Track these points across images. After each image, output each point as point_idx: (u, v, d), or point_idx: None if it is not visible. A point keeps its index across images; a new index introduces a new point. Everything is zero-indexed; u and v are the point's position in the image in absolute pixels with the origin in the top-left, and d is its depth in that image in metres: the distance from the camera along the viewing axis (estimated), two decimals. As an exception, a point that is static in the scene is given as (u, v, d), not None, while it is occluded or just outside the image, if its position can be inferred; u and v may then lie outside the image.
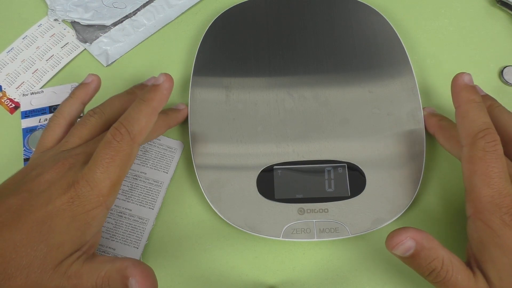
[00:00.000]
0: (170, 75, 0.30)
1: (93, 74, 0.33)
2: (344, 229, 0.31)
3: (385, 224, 0.31)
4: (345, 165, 0.33)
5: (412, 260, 0.25)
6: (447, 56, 0.39)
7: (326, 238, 0.31)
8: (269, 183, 0.32)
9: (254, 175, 0.33)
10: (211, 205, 0.32)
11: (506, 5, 0.41)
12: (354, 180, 0.32)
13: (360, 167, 0.32)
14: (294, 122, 0.34)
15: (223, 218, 0.31)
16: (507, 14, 0.41)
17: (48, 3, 0.41)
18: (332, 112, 0.34)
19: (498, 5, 0.41)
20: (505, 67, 0.38)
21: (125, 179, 0.34)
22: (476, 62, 0.39)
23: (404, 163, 0.32)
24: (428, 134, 0.34)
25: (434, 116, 0.34)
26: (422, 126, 0.34)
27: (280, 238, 0.31)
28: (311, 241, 0.32)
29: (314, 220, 0.31)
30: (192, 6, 0.42)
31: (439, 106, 0.37)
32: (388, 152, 0.33)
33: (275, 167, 0.33)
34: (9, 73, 0.39)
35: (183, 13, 0.42)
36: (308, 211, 0.31)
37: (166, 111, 0.34)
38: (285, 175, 0.32)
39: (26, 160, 0.35)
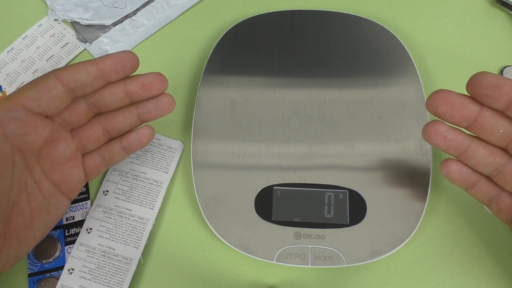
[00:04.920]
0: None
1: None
2: (340, 258, 0.30)
3: (383, 256, 0.30)
4: (346, 192, 0.32)
5: None
6: (447, 57, 0.39)
7: (320, 266, 0.30)
8: (267, 203, 0.32)
9: (253, 194, 0.32)
10: (207, 221, 0.31)
11: (506, 5, 0.41)
12: (355, 208, 0.31)
13: (362, 195, 0.32)
14: (298, 143, 0.34)
15: (217, 235, 0.31)
16: (507, 14, 0.41)
17: (48, 3, 0.41)
18: (338, 135, 0.34)
19: (498, 5, 0.41)
20: (505, 67, 0.38)
21: (125, 179, 0.34)
22: (476, 62, 0.39)
23: (408, 194, 0.32)
24: (434, 166, 0.33)
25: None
26: (429, 157, 0.33)
27: (274, 262, 0.30)
28: (305, 267, 0.31)
29: (310, 246, 0.30)
30: (192, 6, 0.42)
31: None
32: (392, 182, 0.32)
33: (274, 187, 0.32)
34: (9, 73, 0.39)
35: (183, 13, 0.42)
36: (305, 236, 0.31)
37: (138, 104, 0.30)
38: (284, 196, 0.32)
39: (26, 160, 0.35)
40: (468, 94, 0.25)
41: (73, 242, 0.32)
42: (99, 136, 0.29)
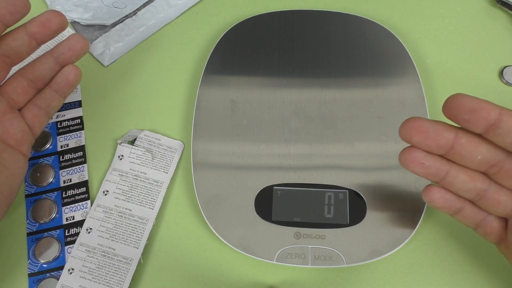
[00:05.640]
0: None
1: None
2: (340, 258, 0.30)
3: (382, 256, 0.30)
4: (346, 192, 0.32)
5: None
6: (447, 57, 0.39)
7: (320, 266, 0.30)
8: (267, 203, 0.32)
9: (253, 194, 0.32)
10: (207, 221, 0.31)
11: (506, 5, 0.41)
12: (355, 208, 0.31)
13: (362, 195, 0.32)
14: (298, 143, 0.34)
15: (217, 235, 0.31)
16: (507, 14, 0.41)
17: (48, 3, 0.41)
18: (338, 135, 0.34)
19: (498, 5, 0.41)
20: (505, 67, 0.38)
21: (125, 179, 0.34)
22: (476, 62, 0.39)
23: (408, 195, 0.32)
24: None
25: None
26: None
27: (274, 262, 0.30)
28: (305, 267, 0.31)
29: (310, 246, 0.30)
30: (192, 6, 0.42)
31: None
32: (392, 182, 0.32)
33: (274, 187, 0.32)
34: (9, 74, 0.39)
35: (183, 13, 0.42)
36: (305, 236, 0.31)
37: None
38: (284, 196, 0.32)
39: (26, 160, 0.35)
40: (441, 121, 0.24)
41: (73, 242, 0.32)
42: (25, 87, 0.30)
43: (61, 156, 0.35)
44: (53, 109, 0.32)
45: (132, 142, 0.35)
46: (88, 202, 0.33)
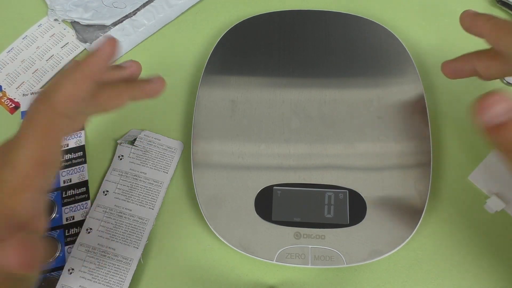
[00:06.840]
0: (114, 41, 0.25)
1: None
2: (340, 258, 0.30)
3: (382, 256, 0.30)
4: (346, 192, 0.32)
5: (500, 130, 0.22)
6: (447, 57, 0.39)
7: (320, 266, 0.30)
8: (267, 203, 0.32)
9: (253, 194, 0.32)
10: (207, 221, 0.31)
11: (506, 5, 0.41)
12: (355, 208, 0.31)
13: (362, 195, 0.32)
14: (298, 143, 0.34)
15: (217, 235, 0.31)
16: (507, 14, 0.41)
17: (48, 3, 0.41)
18: (338, 135, 0.34)
19: (498, 5, 0.41)
20: (505, 67, 0.38)
21: (125, 179, 0.34)
22: (476, 62, 0.39)
23: (408, 195, 0.32)
24: (434, 166, 0.33)
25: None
26: (429, 157, 0.33)
27: (274, 262, 0.30)
28: (305, 267, 0.31)
29: (310, 246, 0.31)
30: (192, 6, 0.42)
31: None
32: (392, 182, 0.32)
33: (274, 187, 0.32)
34: (9, 73, 0.39)
35: (183, 13, 0.42)
36: (305, 236, 0.31)
37: (133, 81, 0.29)
38: (284, 196, 0.32)
39: (26, 160, 0.35)
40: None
41: (73, 242, 0.32)
42: None
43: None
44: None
45: (132, 142, 0.35)
46: (88, 202, 0.33)
